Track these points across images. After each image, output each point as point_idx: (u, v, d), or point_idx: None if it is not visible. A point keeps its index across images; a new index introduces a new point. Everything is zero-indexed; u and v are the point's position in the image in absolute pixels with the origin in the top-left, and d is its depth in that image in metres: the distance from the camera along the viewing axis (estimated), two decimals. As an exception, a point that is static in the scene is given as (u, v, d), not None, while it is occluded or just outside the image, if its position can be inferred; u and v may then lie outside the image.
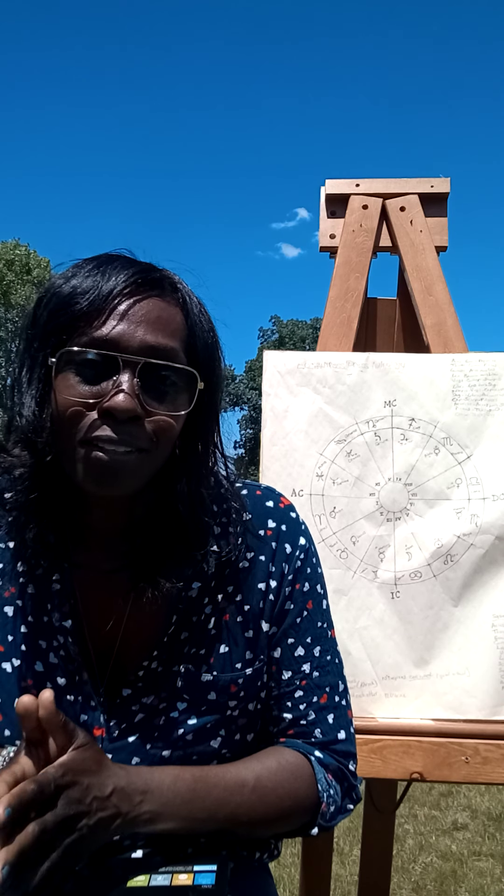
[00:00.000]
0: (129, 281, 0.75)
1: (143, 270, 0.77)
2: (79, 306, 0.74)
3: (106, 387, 0.73)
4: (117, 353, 0.73)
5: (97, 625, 0.83)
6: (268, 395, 1.41)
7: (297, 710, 0.86)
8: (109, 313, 0.74)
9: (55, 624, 0.82)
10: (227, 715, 0.83)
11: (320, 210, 1.60)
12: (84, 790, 0.67)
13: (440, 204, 1.57)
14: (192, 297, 0.81)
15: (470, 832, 3.01)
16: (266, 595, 0.86)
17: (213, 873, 0.72)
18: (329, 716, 0.87)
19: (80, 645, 0.82)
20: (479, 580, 1.31)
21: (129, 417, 0.73)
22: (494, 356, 1.39)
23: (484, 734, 1.24)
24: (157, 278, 0.78)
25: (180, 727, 0.81)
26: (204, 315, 0.82)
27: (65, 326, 0.74)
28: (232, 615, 0.85)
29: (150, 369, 0.74)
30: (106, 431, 0.73)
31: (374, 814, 1.54)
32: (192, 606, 0.84)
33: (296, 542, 0.89)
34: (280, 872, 2.55)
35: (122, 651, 0.83)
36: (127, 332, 0.74)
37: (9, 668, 0.83)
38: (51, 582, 0.83)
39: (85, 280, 0.75)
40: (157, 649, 0.82)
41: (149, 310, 0.75)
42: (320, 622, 0.89)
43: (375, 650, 1.30)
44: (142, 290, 0.76)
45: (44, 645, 0.82)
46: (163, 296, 0.77)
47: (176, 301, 0.79)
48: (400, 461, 1.36)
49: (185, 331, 0.79)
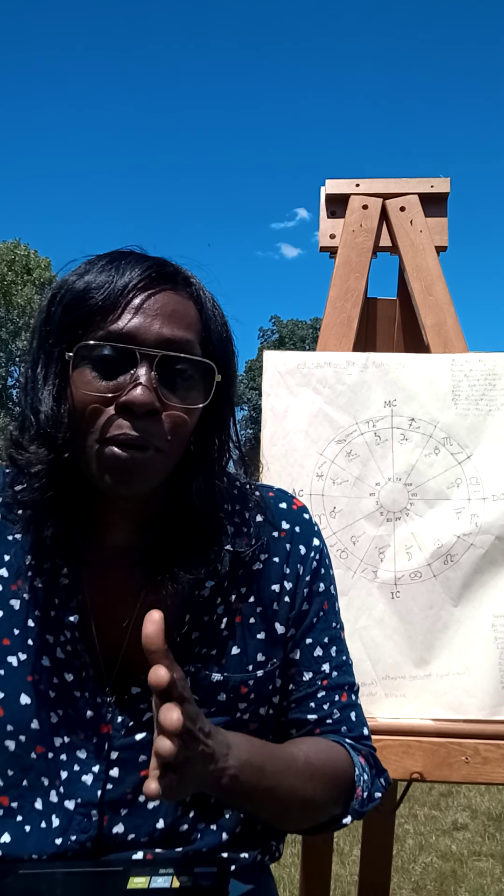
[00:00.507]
0: (144, 275, 0.75)
1: (156, 265, 0.77)
2: (94, 301, 0.74)
3: (123, 381, 0.73)
4: (134, 347, 0.73)
5: (106, 621, 0.83)
6: (268, 395, 1.41)
7: (321, 710, 0.87)
8: (125, 307, 0.74)
9: (62, 619, 0.82)
10: (236, 717, 0.83)
11: (320, 210, 1.60)
12: (195, 714, 0.67)
13: (440, 204, 1.56)
14: (205, 292, 0.81)
15: (470, 832, 3.01)
16: (280, 597, 0.86)
17: (213, 875, 0.72)
18: (352, 713, 0.88)
19: (88, 641, 0.82)
20: (479, 580, 1.31)
21: (147, 412, 0.73)
22: (494, 356, 1.39)
23: (484, 734, 1.24)
24: (170, 272, 0.78)
25: None
26: (217, 309, 0.82)
27: (80, 321, 0.74)
28: (244, 616, 0.85)
29: (166, 362, 0.74)
30: (123, 429, 0.73)
31: (374, 814, 1.52)
32: (205, 606, 0.83)
33: (310, 544, 0.89)
34: (280, 872, 2.55)
35: (131, 649, 0.82)
36: (143, 326, 0.74)
37: (15, 661, 0.82)
38: (59, 576, 0.83)
39: (99, 275, 0.75)
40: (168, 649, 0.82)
41: (164, 303, 0.75)
42: (335, 623, 0.90)
43: (375, 650, 1.30)
44: (156, 283, 0.76)
45: (51, 640, 0.82)
46: (177, 289, 0.78)
47: (190, 295, 0.79)
48: (400, 461, 1.36)
49: (200, 324, 0.79)
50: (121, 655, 0.83)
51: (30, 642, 0.82)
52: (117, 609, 0.83)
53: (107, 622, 0.83)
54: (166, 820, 0.80)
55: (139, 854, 0.79)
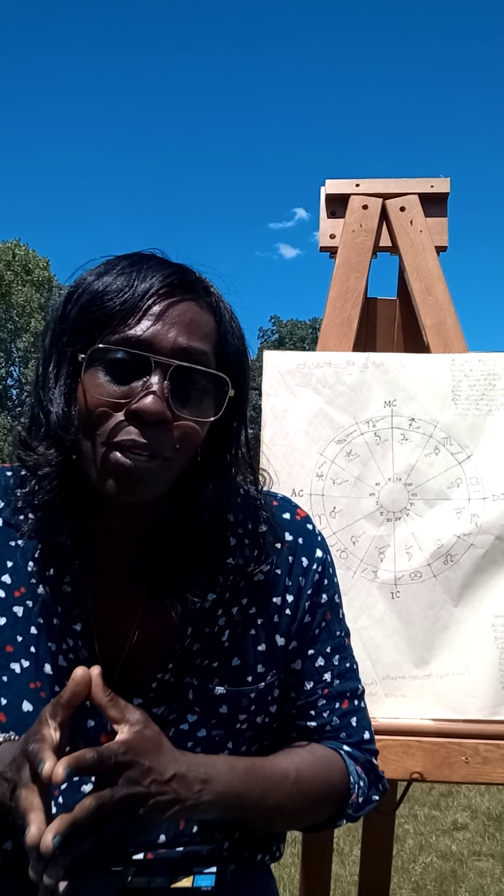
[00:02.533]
0: (165, 282, 0.74)
1: (178, 272, 0.76)
2: (112, 304, 0.72)
3: (135, 387, 0.72)
4: (149, 354, 0.71)
5: (108, 631, 0.82)
6: (268, 394, 1.41)
7: (321, 717, 0.87)
8: (143, 313, 0.72)
9: (66, 627, 0.81)
10: (236, 728, 0.83)
11: (320, 210, 1.60)
12: (144, 772, 0.67)
13: (440, 204, 1.57)
14: (224, 303, 0.80)
15: (470, 832, 3.01)
16: (282, 609, 0.85)
17: (213, 875, 0.72)
18: (352, 719, 0.88)
19: (90, 650, 0.81)
20: (479, 580, 1.31)
21: (157, 421, 0.71)
22: (494, 356, 1.39)
23: (484, 734, 1.24)
24: (191, 281, 0.76)
25: (189, 740, 0.81)
26: (234, 322, 0.80)
27: (96, 323, 0.73)
28: (245, 628, 0.84)
29: (180, 373, 0.72)
30: (131, 435, 0.71)
31: (374, 814, 1.52)
32: (206, 618, 0.83)
33: (312, 555, 0.88)
34: (280, 872, 2.55)
35: (131, 659, 0.82)
36: (160, 334, 0.72)
37: (17, 669, 0.82)
38: (62, 584, 0.82)
39: (118, 278, 0.74)
40: (171, 661, 0.81)
41: (183, 312, 0.74)
42: (338, 631, 0.89)
43: (375, 650, 1.30)
44: (177, 291, 0.74)
45: (53, 647, 0.81)
46: (197, 299, 0.76)
47: (209, 305, 0.77)
48: (400, 461, 1.36)
49: (217, 336, 0.77)
50: (121, 662, 0.82)
51: (32, 650, 0.81)
52: (119, 619, 0.82)
53: (109, 632, 0.82)
54: (168, 834, 0.80)
55: (139, 854, 0.79)
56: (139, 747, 0.67)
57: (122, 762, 0.65)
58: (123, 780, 0.65)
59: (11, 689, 0.81)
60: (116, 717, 0.69)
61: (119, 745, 0.66)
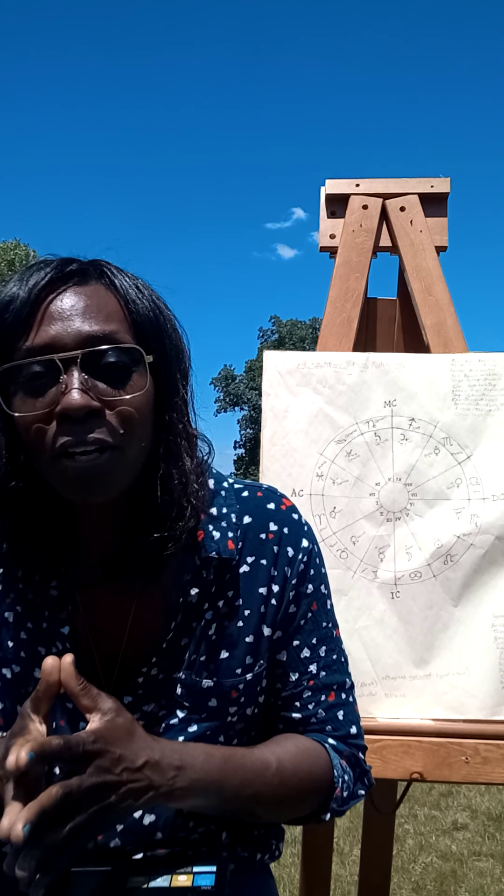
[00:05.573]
0: (45, 279, 0.73)
1: (57, 266, 0.75)
2: (6, 320, 0.72)
3: (56, 392, 0.71)
4: (52, 355, 0.71)
5: (98, 632, 0.83)
6: (268, 395, 1.41)
7: (306, 709, 0.86)
8: (34, 318, 0.72)
9: (54, 631, 0.82)
10: (226, 721, 0.83)
11: (320, 210, 1.60)
12: (115, 760, 0.67)
13: (440, 204, 1.56)
14: (124, 276, 0.78)
15: (470, 832, 3.01)
16: (268, 600, 0.85)
17: (213, 874, 0.72)
18: (339, 713, 0.88)
19: (81, 652, 0.81)
20: (479, 580, 1.31)
21: (88, 413, 0.71)
22: (494, 356, 1.39)
23: (484, 734, 1.24)
24: (74, 270, 0.76)
25: (180, 734, 0.81)
26: (144, 290, 0.79)
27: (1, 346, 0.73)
28: (232, 620, 0.84)
29: (92, 359, 0.72)
30: (69, 436, 0.71)
31: (374, 814, 1.53)
32: (192, 612, 0.83)
33: (298, 545, 0.87)
34: (280, 872, 2.55)
35: (126, 657, 0.82)
36: (57, 331, 0.72)
37: (9, 674, 0.82)
38: (48, 588, 0.82)
39: (7, 293, 0.74)
40: (155, 656, 0.81)
41: (74, 302, 0.73)
42: (325, 622, 0.89)
43: (375, 650, 1.30)
44: (57, 285, 0.74)
45: (43, 651, 0.82)
46: (87, 283, 0.75)
47: (106, 285, 0.76)
48: (400, 461, 1.36)
49: (123, 310, 0.76)
50: (118, 664, 0.82)
51: (23, 654, 0.82)
52: (109, 620, 0.82)
53: (99, 633, 0.83)
54: (164, 832, 0.80)
55: (139, 854, 0.79)
56: (110, 736, 0.67)
57: (91, 751, 0.65)
58: (93, 768, 0.65)
59: (4, 694, 0.82)
60: (89, 706, 0.69)
61: (88, 734, 0.66)
